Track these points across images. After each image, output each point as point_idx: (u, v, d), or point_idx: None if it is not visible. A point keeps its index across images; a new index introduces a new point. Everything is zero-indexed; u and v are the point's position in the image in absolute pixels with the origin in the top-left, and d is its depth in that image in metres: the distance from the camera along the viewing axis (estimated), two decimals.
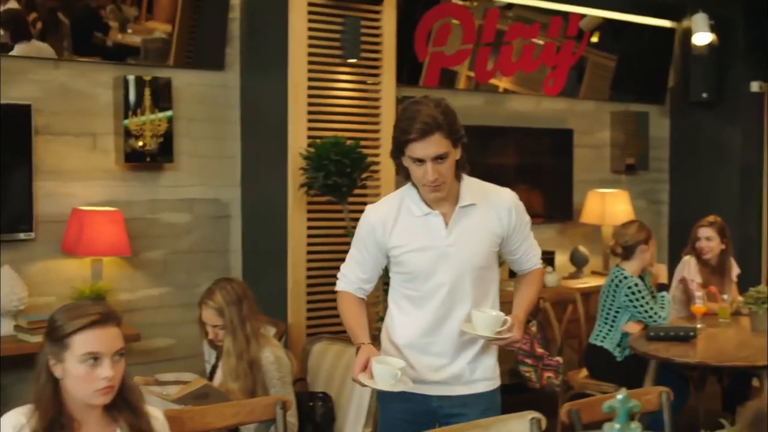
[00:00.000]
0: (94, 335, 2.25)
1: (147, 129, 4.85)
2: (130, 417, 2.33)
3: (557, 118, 6.70)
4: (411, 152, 2.71)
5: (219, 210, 5.20)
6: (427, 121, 2.67)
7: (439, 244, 2.83)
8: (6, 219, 4.51)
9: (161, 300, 5.01)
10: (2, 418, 2.24)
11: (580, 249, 6.48)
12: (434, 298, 2.86)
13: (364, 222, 2.94)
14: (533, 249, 3.07)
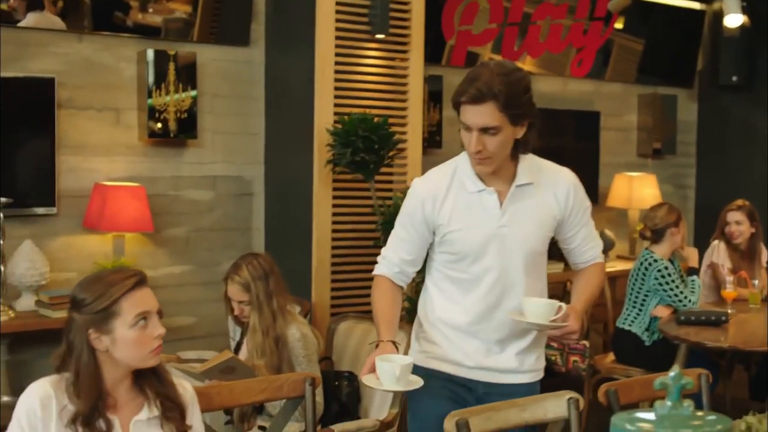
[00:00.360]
0: (140, 295, 2.22)
1: (170, 105, 4.78)
2: (158, 386, 2.28)
3: (584, 100, 6.60)
4: (462, 115, 2.53)
5: (242, 187, 5.13)
6: (481, 87, 2.45)
7: (491, 224, 2.63)
8: (28, 193, 4.46)
9: (183, 278, 4.96)
10: (28, 389, 2.17)
11: (606, 233, 6.38)
12: (482, 282, 2.66)
13: (412, 195, 2.72)
14: (593, 239, 2.85)
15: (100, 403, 2.17)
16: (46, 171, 4.50)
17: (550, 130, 6.38)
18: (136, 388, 2.27)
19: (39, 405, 2.14)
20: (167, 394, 2.28)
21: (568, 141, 6.52)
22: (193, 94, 4.85)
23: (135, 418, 2.23)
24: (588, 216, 2.82)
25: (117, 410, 2.22)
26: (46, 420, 2.13)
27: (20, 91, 4.43)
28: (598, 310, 5.51)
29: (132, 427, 2.22)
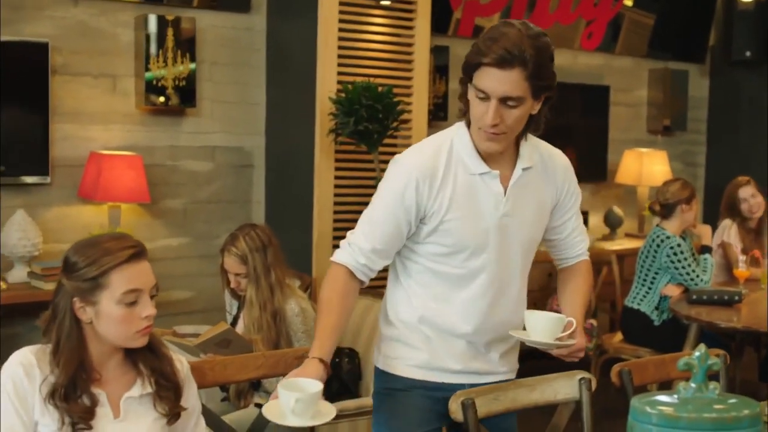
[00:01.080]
0: (134, 270, 2.02)
1: (169, 72, 4.64)
2: (153, 361, 2.11)
3: (593, 74, 6.45)
4: (479, 80, 2.15)
5: (242, 158, 5.00)
6: (511, 49, 2.10)
7: (495, 212, 2.29)
8: (21, 162, 4.33)
9: (180, 250, 4.83)
10: (10, 358, 2.01)
11: (615, 210, 6.25)
12: (478, 279, 2.32)
13: (401, 172, 2.26)
14: (582, 231, 2.53)
15: (83, 376, 2.01)
16: (39, 139, 4.36)
17: (558, 104, 6.19)
18: (128, 363, 2.11)
19: (23, 373, 1.98)
20: (162, 370, 2.12)
21: (577, 116, 6.37)
22: (192, 62, 4.71)
23: (126, 394, 2.07)
24: (579, 203, 2.49)
25: (104, 385, 2.06)
26: (31, 390, 1.98)
27: (13, 56, 4.28)
28: (605, 288, 5.39)
29: (123, 404, 2.06)
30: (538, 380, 2.43)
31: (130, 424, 2.06)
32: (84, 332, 2.04)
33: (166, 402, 2.10)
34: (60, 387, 1.97)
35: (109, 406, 2.05)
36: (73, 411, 1.97)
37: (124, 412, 2.06)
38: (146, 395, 2.09)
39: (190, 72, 4.70)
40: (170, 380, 2.12)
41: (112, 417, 2.05)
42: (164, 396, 2.10)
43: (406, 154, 2.32)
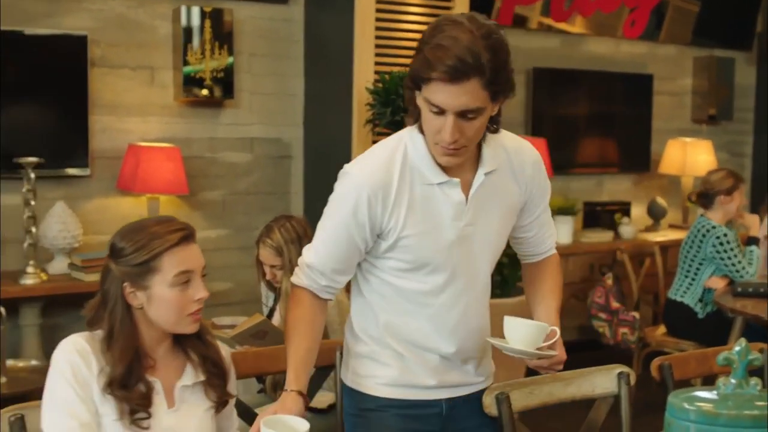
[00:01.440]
0: (185, 252, 1.98)
1: (207, 64, 4.64)
2: (202, 348, 2.07)
3: (636, 63, 6.34)
4: (430, 94, 1.90)
5: (280, 150, 4.98)
6: (464, 57, 1.85)
7: (456, 223, 2.07)
8: (61, 154, 4.36)
9: (219, 242, 4.84)
10: (60, 345, 1.97)
11: (658, 201, 6.15)
12: (444, 293, 2.12)
13: (350, 188, 2.04)
14: (551, 226, 2.32)
15: (137, 365, 1.97)
16: (79, 131, 4.39)
17: (601, 93, 6.15)
18: (177, 350, 2.07)
19: (81, 360, 1.93)
20: (212, 357, 2.08)
21: (619, 105, 6.27)
22: (230, 54, 4.70)
23: (180, 383, 2.03)
24: (547, 198, 2.26)
25: (157, 372, 2.02)
26: (89, 377, 1.92)
27: (52, 49, 4.32)
28: (648, 280, 5.31)
29: (177, 394, 2.03)
30: (575, 374, 2.39)
31: (184, 415, 2.03)
32: (135, 318, 2.00)
33: (217, 390, 2.08)
34: (118, 376, 1.93)
35: (164, 395, 2.02)
36: (131, 399, 1.94)
37: (178, 402, 2.03)
38: (198, 384, 2.06)
39: (228, 63, 4.70)
40: (219, 367, 2.09)
41: (166, 407, 2.01)
42: (215, 384, 2.08)
43: (355, 165, 2.08)
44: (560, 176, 5.85)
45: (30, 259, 4.07)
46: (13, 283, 4.02)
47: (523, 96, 5.80)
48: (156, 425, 1.98)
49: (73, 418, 1.89)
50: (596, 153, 6.21)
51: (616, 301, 4.93)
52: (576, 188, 6.05)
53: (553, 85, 5.90)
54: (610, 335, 4.94)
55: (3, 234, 4.27)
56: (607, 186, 6.29)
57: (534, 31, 5.84)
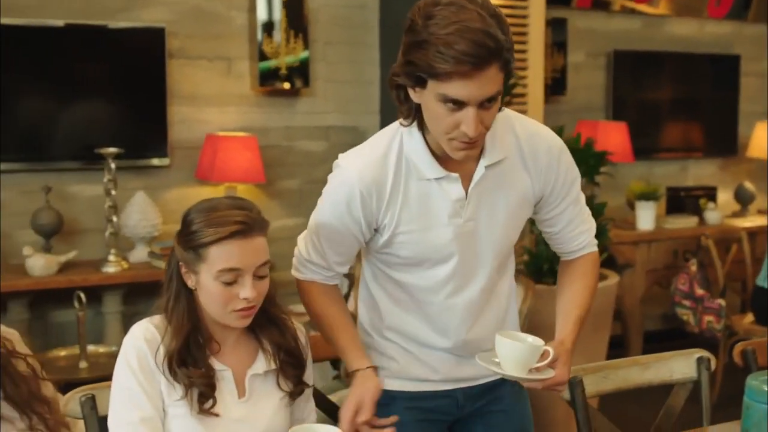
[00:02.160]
0: (234, 248, 1.85)
1: (282, 53, 4.66)
2: (276, 335, 1.99)
3: (722, 43, 6.15)
4: (446, 90, 1.75)
5: (357, 138, 4.97)
6: (484, 42, 1.70)
7: (456, 220, 1.96)
8: (141, 145, 4.43)
9: (296, 231, 4.74)
10: (130, 330, 1.91)
11: (746, 185, 5.96)
12: (443, 290, 2.03)
13: (344, 183, 1.95)
14: (583, 221, 2.12)
15: (199, 343, 1.90)
16: (158, 122, 4.45)
17: (685, 76, 5.98)
18: (250, 337, 1.99)
19: (147, 347, 1.87)
20: (287, 345, 2.00)
21: (705, 88, 6.09)
22: (306, 42, 4.71)
23: (250, 371, 1.96)
24: (577, 190, 2.08)
25: (226, 359, 1.94)
26: (155, 367, 1.87)
27: (131, 42, 4.39)
28: (735, 267, 5.15)
29: (248, 383, 1.95)
30: (652, 358, 2.32)
31: (256, 405, 1.95)
32: (195, 296, 1.92)
33: (291, 379, 2.00)
34: (173, 351, 1.87)
35: (234, 383, 1.94)
36: (192, 378, 1.87)
37: (249, 391, 1.95)
38: (271, 372, 1.98)
39: (304, 52, 4.71)
40: (295, 356, 2.01)
41: (236, 396, 1.94)
42: (289, 373, 1.99)
43: (349, 158, 1.98)
44: (642, 161, 5.73)
45: (111, 247, 4.15)
46: (95, 272, 4.10)
47: (604, 79, 5.68)
48: (227, 415, 1.91)
49: (134, 409, 1.85)
50: (680, 137, 6.05)
51: (700, 288, 4.80)
52: (659, 173, 5.90)
53: (635, 68, 5.76)
54: (695, 323, 4.80)
55: (85, 223, 4.37)
56: (692, 171, 6.12)
57: (615, 13, 5.71)
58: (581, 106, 5.58)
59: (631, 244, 5.15)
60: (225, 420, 1.90)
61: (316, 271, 2.07)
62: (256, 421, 1.94)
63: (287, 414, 2.01)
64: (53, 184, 4.22)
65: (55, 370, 3.53)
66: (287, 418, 2.00)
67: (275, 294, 2.01)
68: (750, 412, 1.56)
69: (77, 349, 3.79)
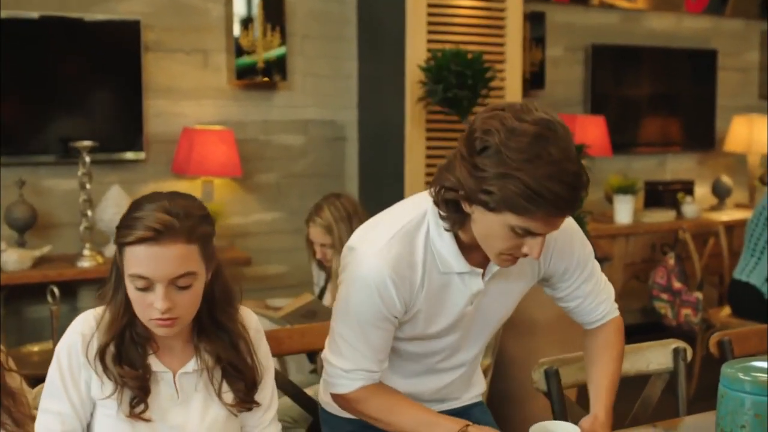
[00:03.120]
0: (141, 254, 1.70)
1: (259, 46, 4.63)
2: (220, 347, 1.85)
3: (700, 38, 6.17)
4: (526, 224, 1.71)
5: (335, 132, 4.96)
6: (578, 186, 1.69)
7: (468, 309, 1.99)
8: (116, 138, 4.38)
9: (274, 225, 4.83)
10: (73, 323, 1.85)
11: (723, 179, 5.98)
12: (430, 356, 2.07)
13: (376, 284, 1.87)
14: (600, 292, 2.12)
15: (133, 340, 1.80)
16: (133, 116, 4.41)
17: (663, 70, 5.99)
18: (190, 339, 1.86)
19: (81, 342, 1.79)
20: (231, 360, 1.86)
21: (682, 82, 6.11)
22: (283, 36, 4.68)
23: (181, 370, 1.85)
24: (589, 267, 2.07)
25: (166, 358, 1.84)
26: (85, 362, 1.79)
27: (107, 35, 4.34)
28: (713, 260, 5.16)
29: (178, 381, 1.84)
30: (629, 349, 2.31)
31: (193, 407, 1.85)
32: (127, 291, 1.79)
33: (237, 393, 1.87)
34: (104, 346, 1.78)
35: (173, 385, 1.84)
36: (126, 376, 1.78)
37: (181, 392, 1.85)
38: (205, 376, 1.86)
39: (281, 45, 4.68)
40: (242, 372, 1.87)
41: (176, 398, 1.85)
42: (235, 387, 1.87)
43: (374, 256, 1.87)
44: (621, 156, 5.74)
45: (86, 242, 4.11)
46: (70, 266, 4.06)
47: (582, 74, 5.69)
48: (162, 420, 1.82)
49: (53, 400, 1.81)
50: (658, 132, 6.06)
51: (678, 281, 4.80)
52: (637, 168, 5.91)
53: (613, 63, 5.77)
54: (673, 316, 4.81)
55: (60, 217, 4.33)
56: (670, 165, 6.14)
57: (593, 7, 5.71)
58: (560, 100, 5.57)
59: (609, 237, 5.16)
60: (159, 425, 1.82)
61: (363, 377, 1.94)
62: (192, 428, 1.84)
63: (233, 426, 1.90)
64: (27, 178, 4.18)
65: (28, 366, 3.48)
66: (232, 429, 1.90)
67: (229, 301, 1.88)
68: (725, 401, 1.56)
69: (51, 345, 3.74)
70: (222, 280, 1.87)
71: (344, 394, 1.96)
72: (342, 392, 1.96)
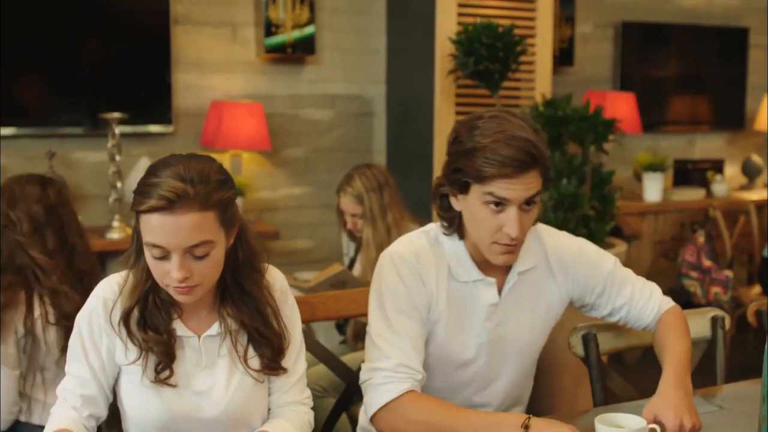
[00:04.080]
0: (155, 223, 1.66)
1: (288, 20, 4.61)
2: (245, 313, 1.82)
3: (731, 15, 6.09)
4: (490, 188, 1.86)
5: (362, 107, 4.94)
6: (527, 149, 1.84)
7: (486, 324, 2.03)
8: (145, 111, 4.39)
9: (302, 200, 4.82)
10: (96, 287, 1.83)
11: (753, 158, 5.92)
12: (465, 391, 2.09)
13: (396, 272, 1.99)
14: (643, 291, 2.15)
15: (157, 304, 1.78)
16: (162, 89, 4.41)
17: (693, 48, 5.93)
18: (215, 305, 1.84)
19: (102, 307, 1.79)
20: (257, 328, 1.83)
21: (713, 60, 6.04)
22: (312, 10, 4.66)
23: (205, 333, 1.82)
24: (620, 273, 2.14)
25: (191, 323, 1.82)
26: (107, 327, 1.78)
27: (136, 6, 4.34)
28: (742, 240, 5.12)
29: (202, 345, 1.82)
30: None
31: (218, 373, 1.82)
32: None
33: (262, 359, 1.83)
34: (128, 310, 1.77)
35: (199, 350, 1.82)
36: (150, 341, 1.76)
37: (206, 356, 1.82)
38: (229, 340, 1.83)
39: (309, 19, 4.66)
40: (266, 338, 1.83)
41: (200, 363, 1.82)
42: (261, 352, 1.83)
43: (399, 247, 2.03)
44: (649, 134, 5.69)
45: (115, 213, 4.12)
46: (99, 238, 4.07)
47: (611, 51, 5.63)
48: (186, 386, 1.81)
49: (73, 363, 1.82)
50: (687, 110, 6.00)
51: (708, 259, 4.77)
52: (666, 146, 5.86)
53: (643, 40, 5.71)
54: (702, 294, 4.78)
55: (89, 189, 4.34)
56: (699, 144, 6.08)
57: None
58: (588, 77, 5.53)
59: (638, 215, 5.12)
60: (184, 392, 1.80)
61: (410, 376, 1.92)
62: (218, 395, 1.82)
63: (259, 392, 1.87)
64: (57, 150, 4.19)
65: None
66: (258, 395, 1.87)
67: (254, 266, 1.84)
68: None
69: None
70: (246, 244, 1.83)
71: (394, 401, 1.89)
72: (391, 398, 1.89)
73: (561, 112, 3.97)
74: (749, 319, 2.41)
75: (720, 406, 2.07)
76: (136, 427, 1.85)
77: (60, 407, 1.81)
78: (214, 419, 1.82)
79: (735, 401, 2.10)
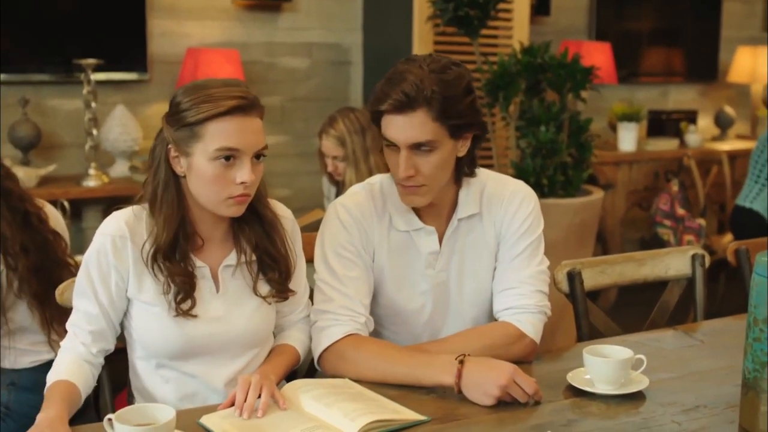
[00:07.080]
0: (232, 126, 1.73)
1: None
2: (258, 235, 1.88)
3: None
4: (384, 130, 1.91)
5: (339, 55, 4.91)
6: (408, 90, 1.84)
7: (430, 271, 2.02)
8: (120, 58, 4.33)
9: (278, 149, 4.80)
10: (101, 225, 1.82)
11: (726, 110, 5.97)
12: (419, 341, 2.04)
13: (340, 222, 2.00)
14: (522, 284, 2.00)
15: (183, 240, 1.81)
16: (137, 36, 4.36)
17: (666, 1, 5.94)
18: (230, 234, 1.89)
19: (111, 246, 1.79)
20: (268, 250, 1.88)
21: (686, 12, 6.05)
22: None
23: (223, 263, 1.87)
24: (529, 250, 2.02)
25: (206, 256, 1.86)
26: (118, 266, 1.80)
27: None
28: (714, 189, 5.19)
29: (221, 274, 1.87)
30: (648, 254, 2.33)
31: (232, 301, 1.87)
32: (182, 186, 1.82)
33: (271, 283, 1.90)
34: (162, 245, 1.78)
35: (212, 279, 1.86)
36: (174, 273, 1.79)
37: (222, 285, 1.87)
38: (245, 268, 1.89)
39: None
40: (276, 260, 1.89)
41: (214, 291, 1.86)
42: (269, 276, 1.89)
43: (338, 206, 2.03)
44: (624, 85, 5.71)
45: (91, 161, 4.08)
46: (75, 185, 4.04)
47: (587, 1, 5.64)
48: (204, 314, 1.84)
49: (82, 300, 1.84)
50: (662, 62, 6.03)
51: (681, 207, 4.82)
52: (640, 97, 5.89)
53: None
54: (675, 242, 4.84)
55: (64, 137, 4.30)
56: (673, 95, 6.12)
57: None
58: (564, 27, 5.53)
59: (613, 164, 5.16)
60: (202, 320, 1.84)
61: (351, 319, 1.94)
62: (234, 320, 1.87)
63: (269, 314, 1.93)
64: (31, 97, 4.14)
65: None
66: (268, 318, 1.94)
67: (266, 192, 1.91)
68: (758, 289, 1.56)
69: None
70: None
71: (336, 344, 1.92)
72: (333, 341, 1.92)
73: (539, 60, 3.98)
74: (729, 258, 2.45)
75: (701, 340, 2.12)
76: (150, 356, 1.87)
77: (69, 341, 1.84)
78: (228, 343, 1.88)
79: (715, 336, 2.16)
